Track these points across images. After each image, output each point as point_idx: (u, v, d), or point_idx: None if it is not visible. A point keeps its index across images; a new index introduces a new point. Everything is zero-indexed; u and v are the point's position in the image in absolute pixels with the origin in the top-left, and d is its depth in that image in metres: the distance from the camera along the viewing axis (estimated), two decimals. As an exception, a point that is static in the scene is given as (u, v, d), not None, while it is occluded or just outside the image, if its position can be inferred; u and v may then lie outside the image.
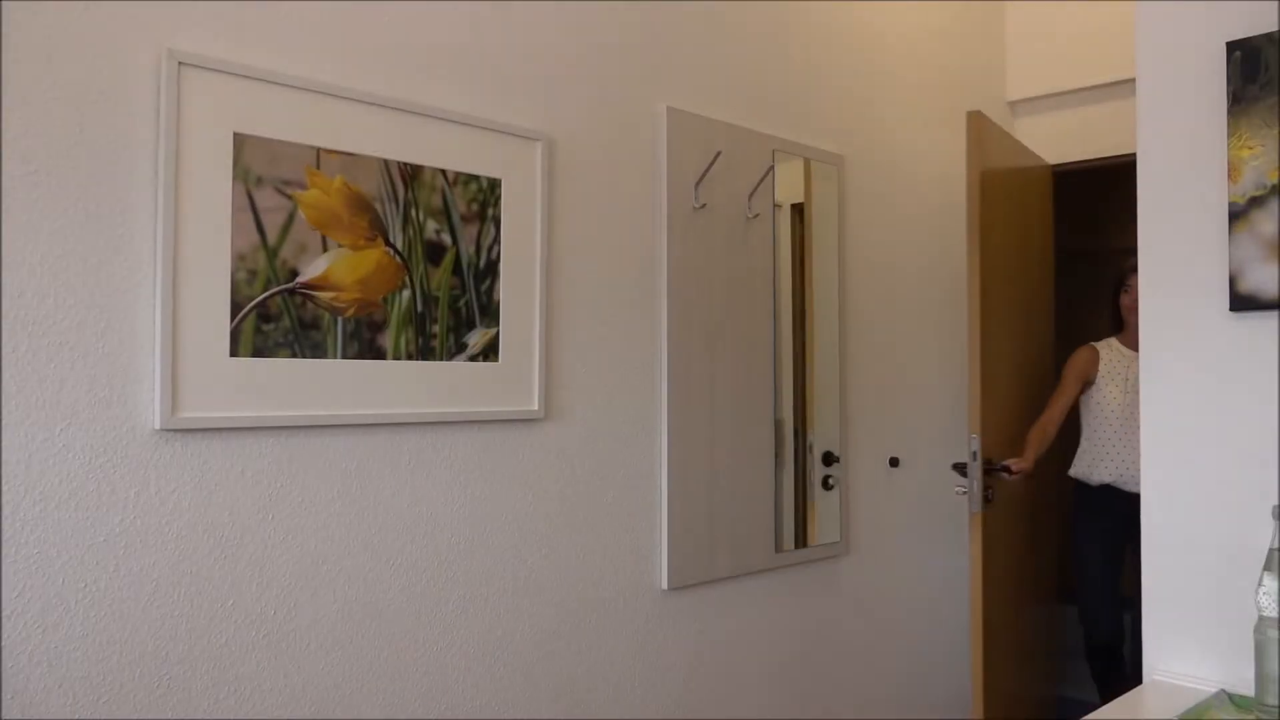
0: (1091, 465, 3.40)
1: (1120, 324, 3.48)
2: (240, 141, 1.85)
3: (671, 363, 2.60)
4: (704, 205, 2.69)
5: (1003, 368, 3.23)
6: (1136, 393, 3.21)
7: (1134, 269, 3.12)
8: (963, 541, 3.66)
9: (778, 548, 2.92)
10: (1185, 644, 1.81)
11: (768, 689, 2.90)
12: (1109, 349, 3.44)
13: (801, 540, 3.03)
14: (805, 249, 3.07)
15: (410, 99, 2.09)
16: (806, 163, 3.04)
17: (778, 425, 2.93)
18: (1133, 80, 1.94)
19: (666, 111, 2.61)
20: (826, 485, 3.12)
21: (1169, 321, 1.85)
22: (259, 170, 1.87)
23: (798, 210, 3.05)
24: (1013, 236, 3.39)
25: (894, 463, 3.36)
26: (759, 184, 2.84)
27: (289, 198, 1.91)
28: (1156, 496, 1.87)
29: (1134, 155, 1.92)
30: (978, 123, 3.08)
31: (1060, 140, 3.86)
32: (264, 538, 1.89)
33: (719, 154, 2.69)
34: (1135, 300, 3.18)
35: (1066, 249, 4.35)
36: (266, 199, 1.88)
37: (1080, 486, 3.47)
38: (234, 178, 1.84)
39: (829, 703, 3.10)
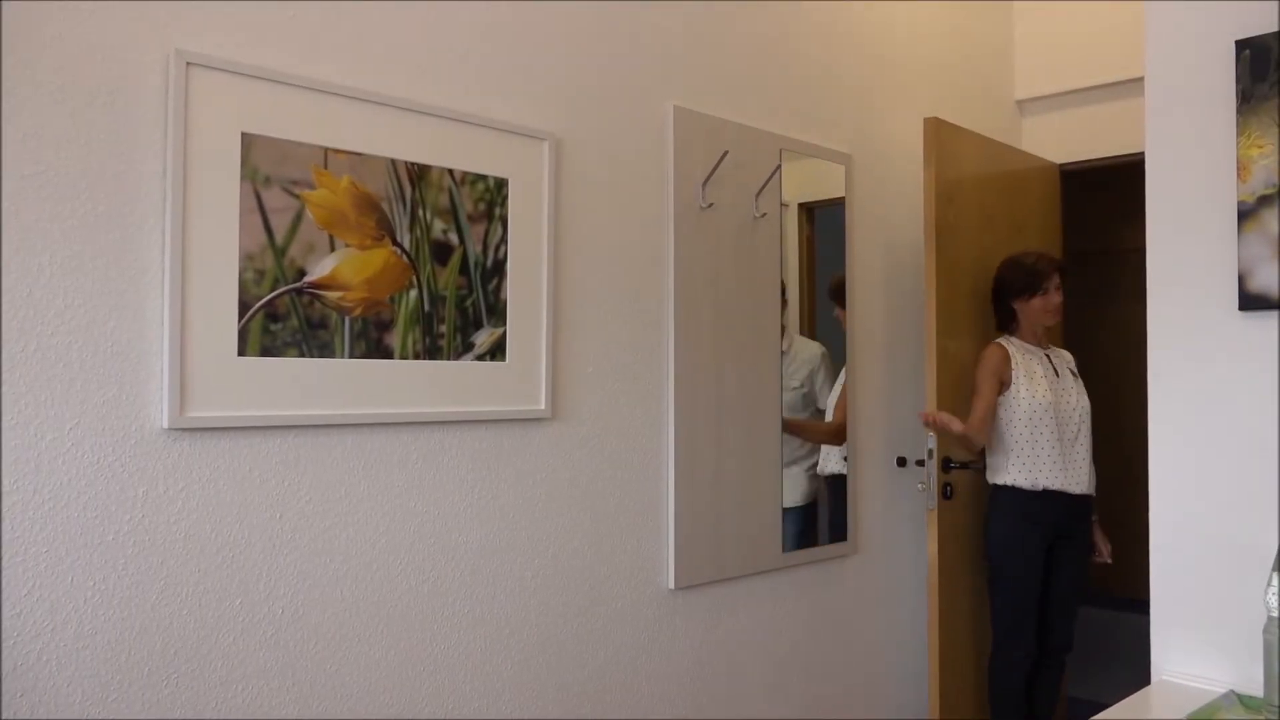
0: (1032, 470, 3.05)
1: (1010, 323, 3.22)
2: (248, 141, 1.85)
3: (678, 362, 2.60)
4: (711, 205, 2.69)
5: (969, 367, 3.22)
6: (1060, 390, 3.12)
7: (1060, 269, 3.19)
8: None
9: (785, 547, 2.92)
10: (1193, 644, 1.81)
11: (774, 688, 2.89)
12: (1014, 346, 3.15)
13: (809, 539, 3.02)
14: (813, 248, 3.07)
15: (417, 98, 2.09)
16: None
17: (784, 425, 2.93)
18: (1142, 79, 1.94)
19: (673, 111, 2.61)
20: (835, 484, 3.12)
21: (1177, 320, 1.85)
22: (267, 170, 1.87)
23: (805, 209, 3.05)
24: (995, 236, 3.38)
25: (901, 462, 3.36)
26: (766, 183, 2.84)
27: (297, 197, 1.91)
28: (1164, 495, 1.86)
29: (1143, 154, 1.92)
30: (935, 128, 3.12)
31: (1069, 139, 3.85)
32: (272, 537, 1.89)
33: (726, 153, 2.69)
34: (1059, 307, 3.19)
35: (1078, 248, 4.33)
36: (274, 199, 1.88)
37: (1007, 491, 3.10)
38: (242, 177, 1.84)
39: (836, 703, 3.10)
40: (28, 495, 1.62)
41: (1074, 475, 3.09)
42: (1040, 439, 3.06)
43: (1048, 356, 3.18)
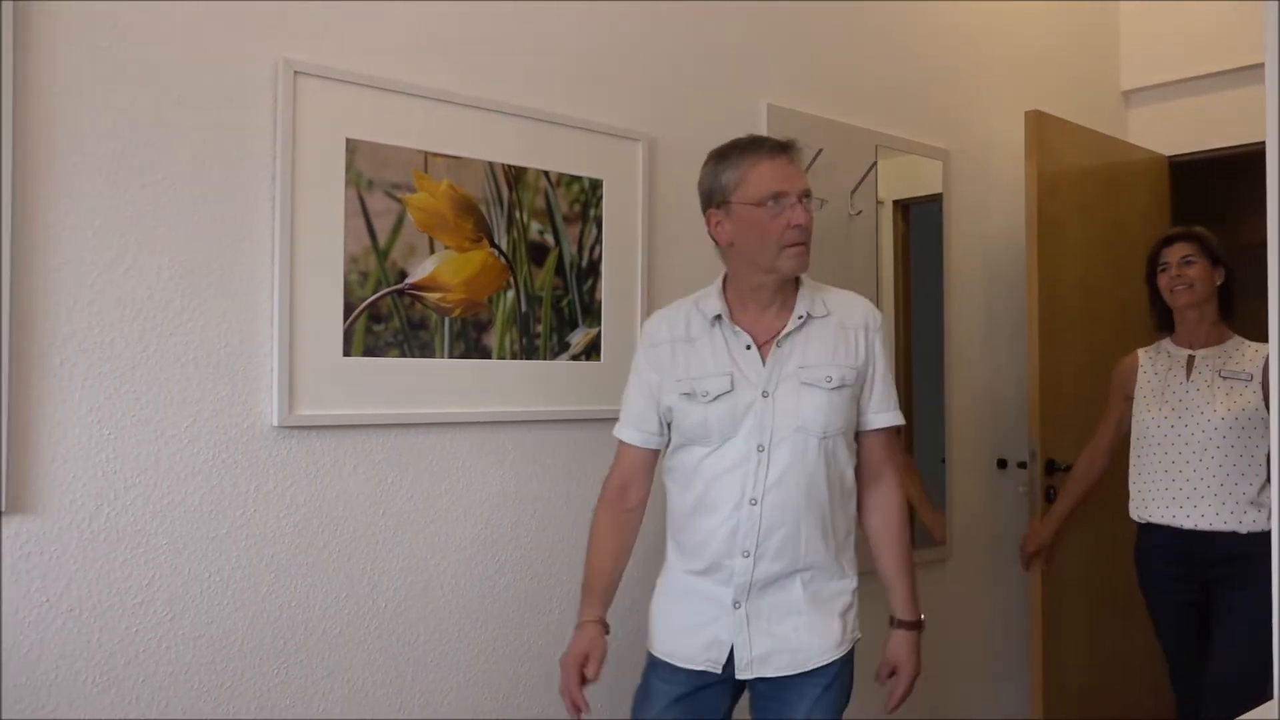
0: (1138, 500, 2.64)
1: (1166, 319, 2.71)
2: (352, 147, 1.90)
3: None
4: (805, 203, 2.66)
5: (1074, 367, 3.10)
6: (1189, 402, 2.55)
7: (1176, 238, 2.64)
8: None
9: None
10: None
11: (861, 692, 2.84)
12: (1154, 355, 2.71)
13: (906, 543, 2.97)
14: (908, 246, 3.02)
15: (514, 102, 2.12)
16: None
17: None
18: (1260, 65, 1.84)
19: (767, 109, 2.59)
20: (931, 486, 3.06)
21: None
22: (370, 174, 1.92)
23: (900, 206, 2.99)
24: (1099, 232, 3.27)
25: (1001, 464, 3.27)
26: (861, 181, 2.80)
27: (398, 201, 1.95)
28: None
29: (1262, 144, 1.82)
30: (1037, 121, 3.02)
31: (1178, 130, 3.69)
32: (376, 532, 1.94)
33: (820, 151, 2.66)
34: (1181, 279, 2.59)
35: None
36: (377, 202, 1.93)
37: (1140, 529, 2.69)
38: (346, 182, 1.89)
39: (928, 707, 3.04)
40: (148, 490, 1.69)
41: (1189, 506, 2.53)
42: (1144, 462, 2.63)
43: (1191, 360, 2.61)
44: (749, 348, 1.76)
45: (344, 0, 1.90)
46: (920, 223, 3.08)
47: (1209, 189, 4.23)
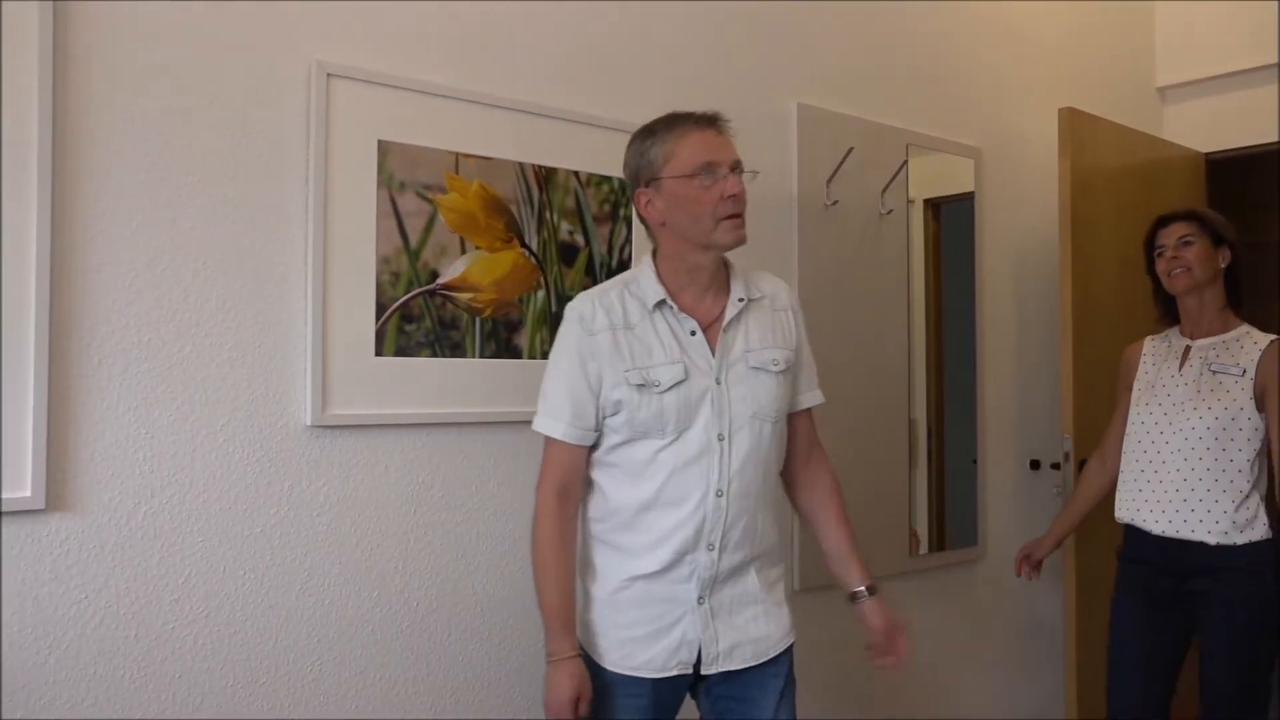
0: (1120, 500, 2.45)
1: (1171, 309, 2.47)
2: (384, 148, 1.91)
3: (803, 362, 2.57)
4: (835, 202, 2.65)
5: (1108, 368, 3.06)
6: (1181, 396, 2.34)
7: (1173, 218, 2.42)
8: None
9: (911, 551, 2.85)
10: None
11: (897, 693, 2.83)
12: (1157, 343, 2.49)
13: (937, 544, 2.95)
14: (939, 245, 2.99)
15: (544, 103, 2.12)
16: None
17: (911, 425, 2.86)
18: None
19: (797, 108, 2.58)
20: (962, 487, 3.03)
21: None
22: (401, 175, 1.93)
23: (931, 205, 2.97)
24: (1134, 230, 3.22)
25: (1034, 465, 3.24)
26: (892, 179, 2.78)
27: (429, 202, 1.96)
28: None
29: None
30: (1071, 118, 2.99)
31: (1215, 127, 3.64)
32: (407, 531, 1.95)
33: (851, 150, 2.64)
34: (1178, 261, 2.36)
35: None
36: (408, 203, 1.94)
37: (1124, 530, 2.49)
38: (378, 184, 1.90)
39: (962, 710, 3.01)
40: (184, 488, 1.71)
41: (1158, 511, 2.34)
42: (1129, 458, 2.44)
43: (1187, 350, 2.40)
44: (694, 334, 1.69)
45: (376, 1, 1.91)
46: (951, 221, 3.05)
47: (1246, 186, 4.16)
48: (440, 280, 1.98)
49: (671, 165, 1.66)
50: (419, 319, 1.95)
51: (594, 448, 1.72)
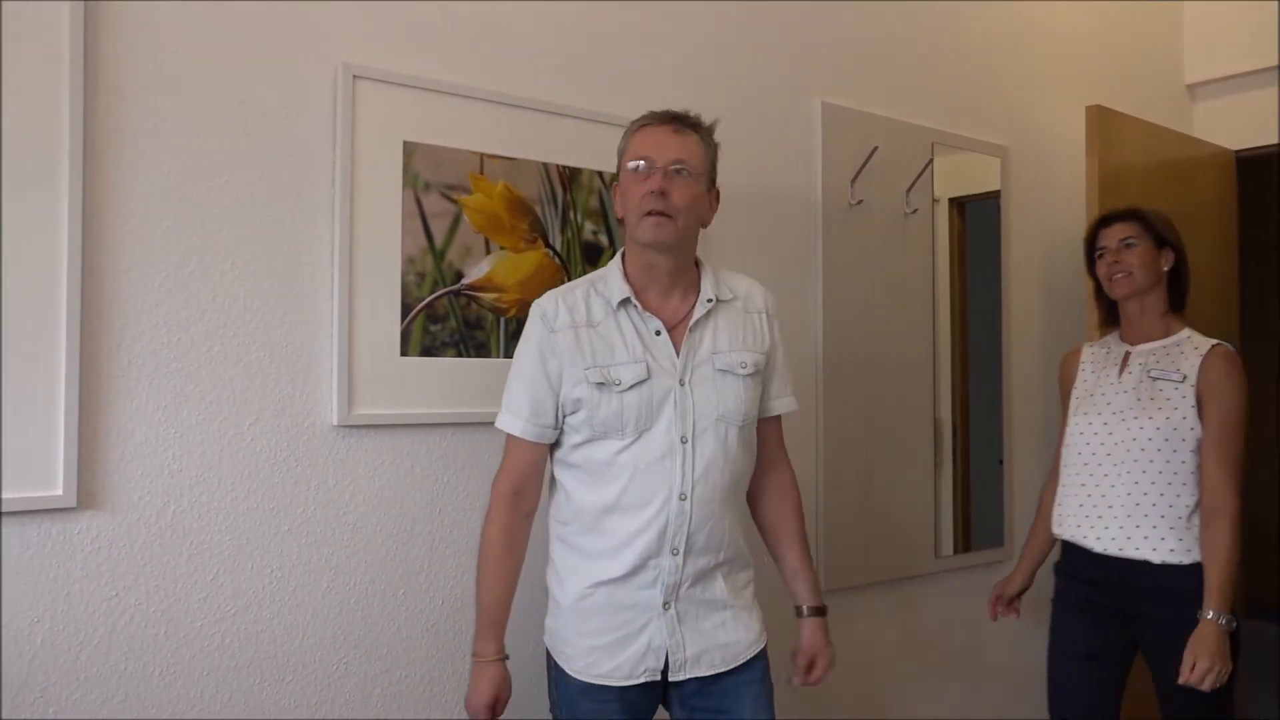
0: (1058, 516, 2.33)
1: (1113, 312, 2.36)
2: (409, 149, 1.92)
3: (826, 360, 2.56)
4: (860, 202, 2.64)
5: None
6: (1120, 407, 2.22)
7: (1114, 217, 2.29)
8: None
9: (937, 552, 2.83)
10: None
11: (928, 695, 2.81)
12: (1096, 350, 2.38)
13: (962, 545, 2.93)
14: (964, 244, 2.97)
15: (567, 102, 2.13)
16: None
17: (937, 425, 2.84)
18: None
19: (821, 107, 2.57)
20: (988, 488, 3.01)
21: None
22: (426, 176, 1.94)
23: (956, 204, 2.95)
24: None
25: (1061, 466, 3.21)
26: (917, 178, 2.76)
27: (454, 202, 1.97)
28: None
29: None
30: (1098, 116, 2.95)
31: (1246, 124, 3.59)
32: (432, 530, 1.96)
33: (876, 149, 2.63)
34: (1119, 265, 2.23)
35: (1256, 241, 4.06)
36: (433, 204, 1.95)
37: (1061, 548, 2.38)
38: (404, 184, 1.91)
39: (990, 710, 2.99)
40: (213, 487, 1.73)
41: (1100, 526, 2.21)
42: (1068, 471, 2.31)
43: (1126, 357, 2.27)
44: (659, 333, 1.67)
45: (402, 2, 1.92)
46: (977, 220, 3.03)
47: (1278, 183, 4.11)
48: (465, 280, 1.98)
49: (623, 158, 1.70)
50: (444, 319, 1.96)
51: (556, 446, 1.72)
